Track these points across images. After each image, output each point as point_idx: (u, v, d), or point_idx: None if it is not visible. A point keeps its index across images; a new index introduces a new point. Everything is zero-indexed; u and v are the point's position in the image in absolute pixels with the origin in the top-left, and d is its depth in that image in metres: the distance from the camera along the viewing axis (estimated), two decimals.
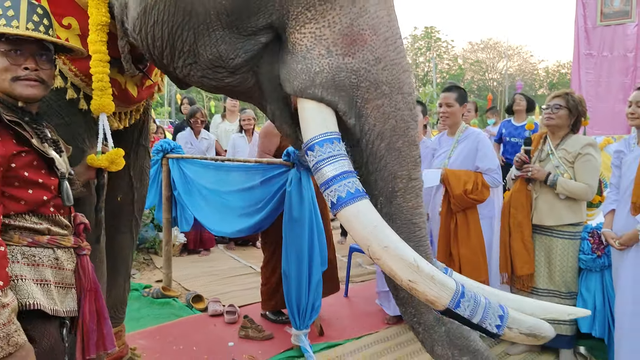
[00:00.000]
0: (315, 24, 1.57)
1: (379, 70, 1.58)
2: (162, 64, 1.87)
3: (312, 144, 1.56)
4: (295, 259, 3.13)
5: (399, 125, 1.62)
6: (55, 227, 1.66)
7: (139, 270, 4.95)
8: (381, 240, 1.49)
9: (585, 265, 3.06)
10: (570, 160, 3.03)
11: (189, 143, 5.45)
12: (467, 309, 1.49)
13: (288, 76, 1.63)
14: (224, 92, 1.92)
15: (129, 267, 2.90)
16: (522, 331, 1.54)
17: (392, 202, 1.65)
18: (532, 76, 41.73)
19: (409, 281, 1.49)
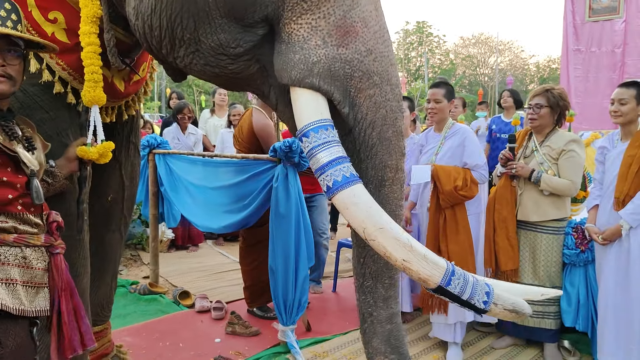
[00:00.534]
0: (312, 15, 1.60)
1: (370, 61, 1.63)
2: (160, 54, 1.86)
3: (307, 130, 1.60)
4: (282, 255, 3.12)
5: (389, 115, 1.67)
6: (23, 226, 1.63)
7: (126, 267, 4.93)
8: (377, 222, 1.54)
9: (569, 260, 3.08)
10: (554, 157, 3.04)
11: (175, 138, 5.41)
12: (457, 286, 1.57)
13: (285, 66, 1.64)
14: (226, 79, 1.90)
15: (116, 265, 2.88)
16: (506, 307, 1.62)
17: (380, 191, 1.70)
18: (523, 71, 41.94)
19: (403, 260, 1.54)
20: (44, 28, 1.91)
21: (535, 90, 3.15)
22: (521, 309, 1.62)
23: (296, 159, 3.09)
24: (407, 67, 38.01)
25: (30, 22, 1.89)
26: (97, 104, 1.98)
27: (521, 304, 1.64)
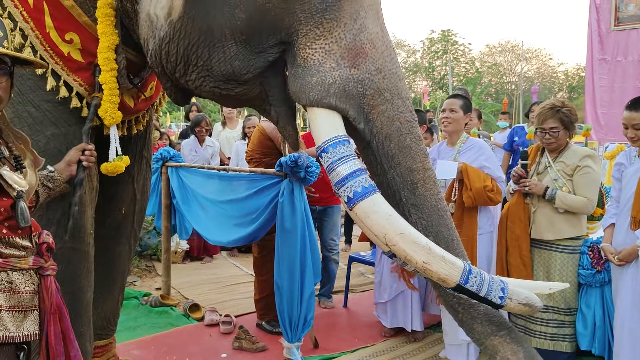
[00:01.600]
0: (324, 40, 1.75)
1: (380, 79, 1.76)
2: (173, 77, 1.99)
3: (326, 146, 1.73)
4: (287, 271, 3.09)
5: (403, 125, 1.79)
6: (9, 249, 1.59)
7: (140, 278, 4.96)
8: (397, 228, 1.66)
9: (584, 280, 2.97)
10: (569, 173, 2.94)
11: (193, 150, 5.46)
12: (474, 284, 1.67)
13: (303, 88, 1.77)
14: (230, 99, 2.02)
15: (124, 278, 2.90)
16: (520, 301, 1.71)
17: (415, 193, 1.81)
18: (551, 79, 41.20)
19: (424, 262, 1.65)
20: (60, 48, 2.01)
21: (544, 112, 2.99)
22: (533, 303, 1.72)
23: (302, 174, 3.07)
24: (431, 75, 37.76)
25: (47, 42, 2.00)
26: (115, 123, 2.11)
27: (533, 298, 1.73)
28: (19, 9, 1.96)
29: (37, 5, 1.97)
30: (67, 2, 2.01)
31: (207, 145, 5.64)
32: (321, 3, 1.74)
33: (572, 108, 2.98)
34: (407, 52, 43.56)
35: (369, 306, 4.16)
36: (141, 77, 2.30)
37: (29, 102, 2.02)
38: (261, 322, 3.76)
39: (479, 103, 21.67)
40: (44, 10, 1.97)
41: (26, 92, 2.02)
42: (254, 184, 3.38)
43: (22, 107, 2.01)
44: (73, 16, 2.02)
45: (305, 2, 1.74)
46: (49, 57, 2.01)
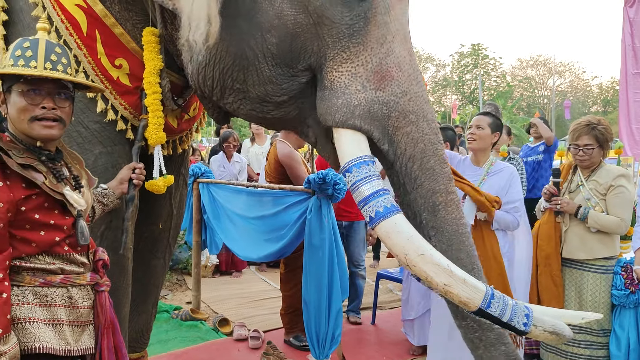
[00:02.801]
0: (351, 63, 1.81)
1: (406, 101, 1.80)
2: (211, 100, 2.11)
3: (350, 166, 1.78)
4: (315, 287, 3.12)
5: (427, 147, 1.82)
6: (69, 266, 1.65)
7: (171, 291, 5.04)
8: (417, 248, 1.67)
9: (618, 301, 2.90)
10: (602, 192, 2.89)
11: (221, 166, 5.56)
12: (497, 308, 1.65)
13: (329, 110, 1.83)
14: (269, 122, 2.13)
15: (158, 293, 2.97)
16: (546, 329, 1.68)
17: (436, 216, 1.81)
18: (584, 93, 40.39)
19: (444, 285, 1.65)
20: (110, 73, 2.14)
21: (579, 128, 2.94)
22: (561, 331, 1.68)
23: (329, 191, 3.10)
24: (461, 90, 37.48)
25: (99, 67, 2.13)
26: (159, 143, 2.21)
27: (561, 326, 1.70)
28: (74, 37, 2.09)
29: (90, 33, 2.10)
30: (117, 30, 2.13)
31: (235, 161, 5.73)
32: (348, 28, 1.81)
33: (607, 126, 2.93)
34: (437, 66, 43.40)
35: (396, 323, 4.14)
36: (184, 98, 2.40)
37: (79, 123, 2.14)
38: (289, 339, 3.78)
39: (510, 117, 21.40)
40: (96, 38, 2.10)
41: (77, 113, 2.11)
42: (283, 200, 3.43)
43: (72, 127, 2.12)
44: (122, 43, 2.15)
45: (333, 27, 1.82)
46: (99, 82, 2.13)
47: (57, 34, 2.11)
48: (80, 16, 2.09)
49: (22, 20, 2.18)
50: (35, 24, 2.07)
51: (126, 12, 2.17)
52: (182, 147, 2.66)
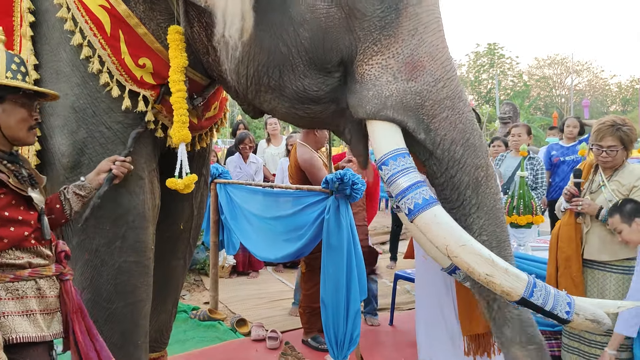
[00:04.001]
0: (381, 55, 1.82)
1: (439, 89, 1.81)
2: (245, 98, 2.13)
3: (386, 159, 1.78)
4: (333, 288, 3.11)
5: (467, 126, 1.84)
6: (36, 259, 1.79)
7: (189, 292, 5.07)
8: (458, 239, 1.68)
9: None
10: (624, 194, 2.81)
11: (238, 167, 5.58)
12: (540, 297, 1.66)
13: (360, 102, 1.85)
14: (308, 120, 2.12)
15: (178, 292, 3.00)
16: (587, 317, 1.68)
17: (478, 192, 1.84)
18: (603, 92, 39.80)
19: (487, 275, 1.65)
20: (134, 73, 2.16)
21: (603, 129, 2.85)
22: (602, 319, 1.69)
23: (347, 191, 3.09)
24: (477, 89, 37.17)
25: (122, 67, 2.15)
26: (184, 141, 2.22)
27: (601, 314, 1.70)
28: (97, 37, 2.12)
29: (114, 33, 2.12)
30: (141, 30, 2.15)
31: (251, 162, 5.75)
32: (380, 21, 1.81)
33: (632, 127, 2.86)
34: None
35: (414, 324, 4.10)
36: (204, 97, 2.41)
37: (102, 124, 2.17)
38: (307, 339, 3.78)
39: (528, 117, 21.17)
40: (120, 38, 2.13)
41: (100, 114, 2.17)
42: (300, 201, 3.43)
43: (95, 128, 2.16)
44: (146, 43, 2.17)
45: (365, 20, 1.82)
46: (124, 81, 2.16)
47: (82, 35, 2.13)
48: (104, 17, 2.11)
49: (47, 20, 2.21)
50: (60, 25, 2.12)
51: (150, 11, 2.18)
52: (201, 144, 2.67)
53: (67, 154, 2.16)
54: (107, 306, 2.20)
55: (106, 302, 2.19)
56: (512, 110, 7.65)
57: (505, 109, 7.74)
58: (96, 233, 2.17)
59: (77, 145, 2.16)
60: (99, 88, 2.15)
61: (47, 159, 2.23)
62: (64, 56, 2.18)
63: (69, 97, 2.15)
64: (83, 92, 2.15)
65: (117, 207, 2.18)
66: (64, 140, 2.16)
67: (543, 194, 4.60)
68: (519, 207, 3.54)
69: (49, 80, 2.20)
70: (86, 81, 2.15)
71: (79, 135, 2.15)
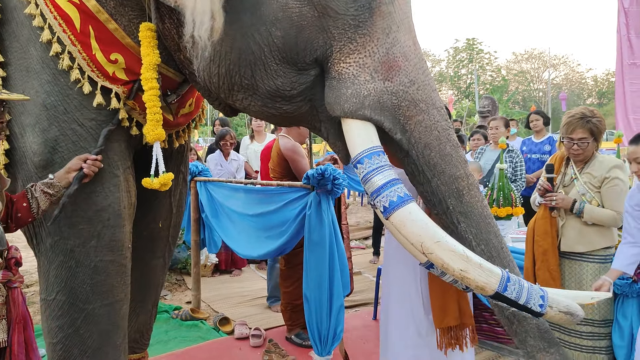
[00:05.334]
0: (358, 54, 1.82)
1: (415, 90, 1.83)
2: (219, 97, 2.11)
3: (361, 157, 1.79)
4: (316, 283, 3.10)
5: (442, 134, 1.85)
6: None
7: (170, 291, 5.01)
8: (433, 236, 1.70)
9: (620, 290, 2.88)
10: (597, 185, 2.85)
11: (218, 165, 5.52)
12: (513, 291, 1.69)
13: (338, 100, 1.84)
14: (280, 118, 2.11)
15: (158, 293, 2.95)
16: (561, 309, 1.72)
17: (462, 201, 1.85)
18: (579, 85, 40.48)
19: (461, 270, 1.68)
20: (106, 69, 2.12)
21: (573, 122, 2.88)
22: (575, 311, 1.72)
23: (329, 186, 3.08)
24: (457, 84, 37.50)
25: (94, 62, 2.11)
26: (158, 140, 2.19)
27: (574, 306, 1.73)
28: (67, 34, 2.08)
29: (84, 29, 2.08)
30: (111, 26, 2.11)
31: (232, 159, 5.70)
32: (354, 19, 1.81)
33: (601, 118, 2.89)
34: (432, 61, 43.43)
35: None
36: (178, 93, 2.38)
37: (74, 121, 2.12)
38: (290, 336, 3.77)
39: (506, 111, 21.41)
40: (90, 34, 2.09)
41: (72, 111, 2.12)
42: (282, 197, 3.41)
43: (67, 125, 2.11)
44: (117, 38, 2.13)
45: (339, 19, 1.81)
46: (96, 77, 2.12)
47: (51, 31, 2.09)
48: (73, 12, 2.07)
49: (16, 17, 2.16)
50: (29, 22, 2.07)
51: (121, 7, 2.14)
52: (179, 141, 2.63)
53: (39, 152, 2.11)
54: (84, 307, 2.14)
55: (83, 303, 2.14)
56: (491, 104, 7.74)
57: (484, 103, 7.83)
58: (71, 233, 2.12)
59: (49, 143, 2.11)
60: (70, 85, 2.11)
61: (18, 158, 2.17)
62: (34, 53, 2.13)
63: (40, 95, 2.11)
64: (54, 90, 2.11)
65: (92, 206, 2.14)
66: (36, 139, 2.11)
67: (522, 186, 4.65)
68: (499, 199, 3.57)
69: (19, 78, 2.15)
70: (57, 78, 2.11)
71: (51, 133, 2.10)
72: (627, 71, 7.48)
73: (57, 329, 2.14)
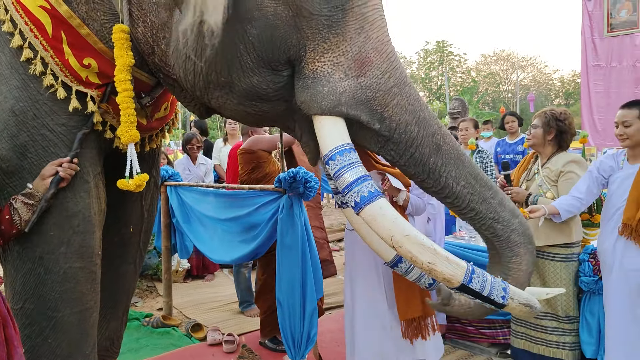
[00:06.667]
0: (332, 53, 1.87)
1: (387, 79, 1.88)
2: (194, 95, 2.11)
3: (333, 154, 1.84)
4: (289, 287, 3.07)
5: (416, 105, 1.92)
6: None
7: (141, 298, 4.93)
8: (403, 230, 1.76)
9: (587, 287, 2.95)
10: (553, 179, 2.96)
11: (186, 169, 5.45)
12: (478, 283, 1.76)
13: (314, 98, 1.87)
14: (256, 118, 2.12)
15: (129, 299, 2.90)
16: (521, 301, 1.82)
17: (440, 153, 1.92)
18: (547, 86, 41.38)
19: (429, 263, 1.74)
20: (79, 73, 2.11)
21: (537, 113, 3.11)
22: (534, 304, 1.84)
23: (301, 189, 3.06)
24: (428, 86, 37.93)
25: (67, 68, 2.10)
26: (132, 141, 2.19)
27: (533, 299, 1.85)
28: (39, 39, 2.06)
29: (56, 34, 2.06)
30: (84, 31, 2.10)
31: (200, 163, 5.64)
32: (327, 20, 1.85)
33: (561, 114, 3.04)
34: (404, 63, 43.86)
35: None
36: (152, 97, 2.37)
37: (44, 126, 2.09)
38: (264, 341, 3.74)
39: (476, 112, 21.78)
40: (62, 39, 2.07)
41: (42, 116, 2.09)
42: (254, 201, 3.38)
43: (36, 131, 2.08)
44: (89, 43, 2.11)
45: (312, 19, 1.85)
46: (69, 82, 2.10)
47: (22, 36, 2.06)
48: (44, 18, 2.06)
49: None
50: None
51: (93, 12, 2.13)
52: (151, 145, 2.61)
53: (8, 158, 2.07)
54: (53, 315, 2.10)
55: (52, 310, 2.10)
56: (461, 106, 7.84)
57: (454, 105, 7.93)
58: (39, 240, 2.08)
59: (17, 149, 2.07)
60: (42, 90, 2.09)
61: None
62: (3, 59, 2.10)
63: (9, 101, 2.07)
64: (23, 95, 2.07)
65: (62, 212, 2.11)
66: (4, 145, 2.07)
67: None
68: None
69: None
70: (26, 84, 2.08)
71: (20, 139, 2.07)
72: (592, 72, 7.66)
73: (25, 338, 2.08)
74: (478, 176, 1.97)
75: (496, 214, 1.94)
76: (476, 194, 1.94)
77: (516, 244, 1.94)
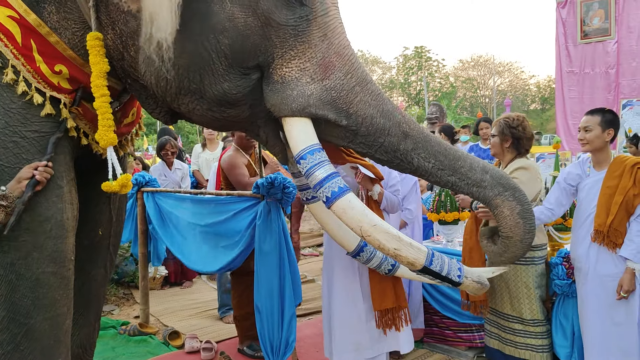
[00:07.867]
0: (299, 59, 2.02)
1: (349, 79, 2.05)
2: (164, 101, 2.18)
3: (304, 153, 1.99)
4: (267, 293, 3.06)
5: (378, 99, 2.08)
6: None
7: (118, 306, 4.86)
8: (371, 220, 1.95)
9: (561, 290, 2.99)
10: None
11: (162, 175, 5.38)
12: (437, 265, 2.00)
13: (284, 101, 2.01)
14: (223, 122, 2.23)
15: (100, 305, 2.86)
16: (474, 279, 2.08)
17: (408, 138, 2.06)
18: (523, 91, 42.03)
19: (395, 249, 1.94)
20: (51, 79, 2.15)
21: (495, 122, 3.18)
22: (484, 281, 2.12)
23: (279, 195, 3.06)
24: (407, 91, 38.23)
25: (39, 74, 2.13)
26: (111, 144, 2.23)
27: (483, 277, 2.13)
28: (9, 48, 2.08)
29: (25, 43, 2.10)
30: (52, 39, 2.13)
31: (176, 168, 5.59)
32: (293, 29, 2.02)
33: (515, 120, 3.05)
34: (383, 69, 44.15)
35: None
36: (120, 102, 2.42)
37: (16, 134, 2.09)
38: (242, 348, 3.71)
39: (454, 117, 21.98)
40: (32, 48, 2.10)
41: (13, 124, 2.09)
42: (231, 207, 3.36)
43: (7, 139, 2.08)
44: (59, 50, 2.15)
45: (280, 29, 2.01)
46: (42, 88, 2.12)
47: None
48: (13, 27, 2.08)
49: None
50: None
51: (64, 21, 2.17)
52: (123, 150, 2.64)
53: None
54: (25, 321, 2.08)
55: (24, 317, 2.08)
56: (439, 111, 7.91)
57: (432, 110, 7.99)
58: (11, 246, 2.06)
59: None
60: (14, 99, 2.10)
61: None
62: None
63: None
64: None
65: (34, 217, 2.10)
66: None
67: None
68: (446, 205, 3.64)
69: None
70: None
71: None
72: (566, 78, 7.82)
73: None
74: (445, 151, 2.10)
75: (468, 179, 2.08)
76: (447, 168, 2.08)
77: (491, 197, 2.08)
